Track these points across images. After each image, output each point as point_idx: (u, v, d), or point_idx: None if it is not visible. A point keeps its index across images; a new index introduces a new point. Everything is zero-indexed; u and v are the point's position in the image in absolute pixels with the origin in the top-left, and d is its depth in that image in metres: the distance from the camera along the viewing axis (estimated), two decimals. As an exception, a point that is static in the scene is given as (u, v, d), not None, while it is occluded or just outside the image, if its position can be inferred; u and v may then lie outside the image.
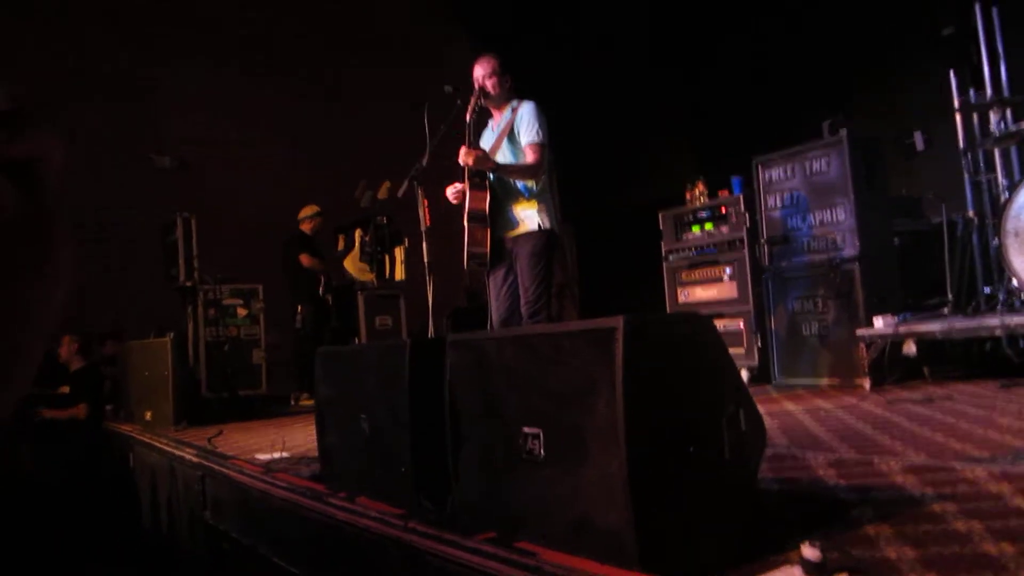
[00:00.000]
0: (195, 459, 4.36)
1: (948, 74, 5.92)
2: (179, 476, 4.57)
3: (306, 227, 8.24)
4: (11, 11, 8.14)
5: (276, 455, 4.09)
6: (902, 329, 4.88)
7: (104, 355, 7.99)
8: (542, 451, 2.04)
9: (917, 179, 6.68)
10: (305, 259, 7.98)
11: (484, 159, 4.24)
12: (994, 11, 5.67)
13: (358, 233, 8.23)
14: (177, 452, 4.70)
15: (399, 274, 8.41)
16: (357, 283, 8.28)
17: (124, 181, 8.57)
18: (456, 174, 4.46)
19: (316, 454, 3.45)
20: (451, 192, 4.46)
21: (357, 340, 7.99)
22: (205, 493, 4.08)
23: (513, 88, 4.58)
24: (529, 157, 4.34)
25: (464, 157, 4.22)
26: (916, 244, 5.97)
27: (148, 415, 6.40)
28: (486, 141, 4.55)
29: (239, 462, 3.99)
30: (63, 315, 0.36)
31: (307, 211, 8.26)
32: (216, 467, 4.03)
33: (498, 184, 4.40)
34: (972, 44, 5.78)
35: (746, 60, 8.36)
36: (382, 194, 8.15)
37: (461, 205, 4.42)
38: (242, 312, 7.47)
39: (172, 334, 6.48)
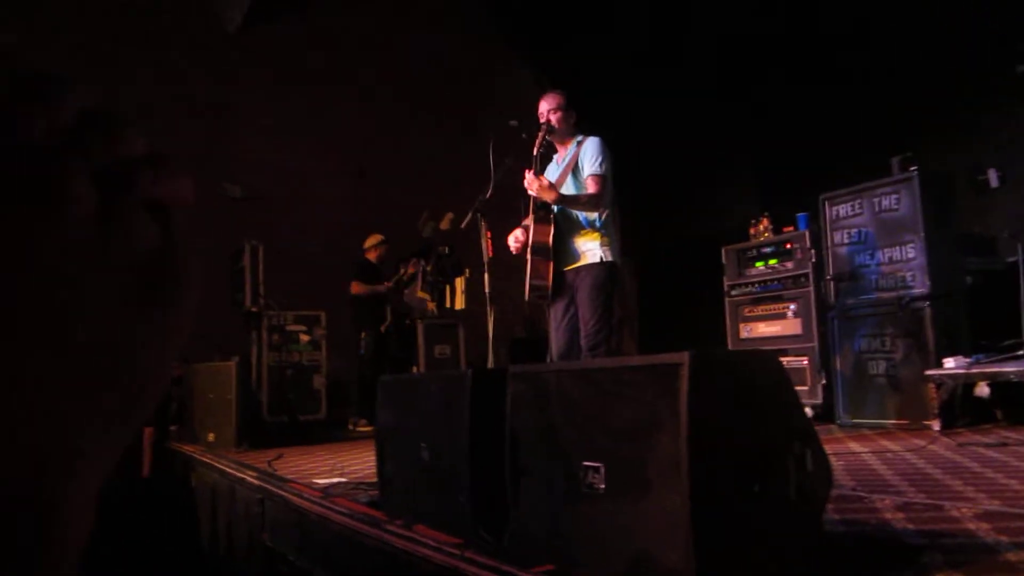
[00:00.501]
0: (256, 481, 4.41)
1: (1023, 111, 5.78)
2: (240, 497, 4.63)
3: (371, 255, 8.36)
4: (91, 33, 8.46)
5: (334, 480, 4.13)
6: (975, 370, 4.73)
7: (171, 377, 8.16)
8: (603, 485, 2.02)
9: (991, 216, 6.50)
10: (355, 286, 8.12)
11: (549, 188, 4.26)
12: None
13: (419, 263, 8.30)
14: (238, 474, 4.77)
15: (459, 303, 8.47)
16: (416, 312, 8.35)
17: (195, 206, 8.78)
18: (518, 207, 4.50)
19: (374, 480, 3.47)
20: (512, 242, 4.49)
21: (416, 369, 8.05)
22: (264, 515, 4.12)
23: (577, 124, 4.62)
24: (591, 188, 4.35)
25: (530, 184, 4.25)
26: (989, 283, 5.80)
27: (211, 436, 6.52)
28: (550, 175, 4.57)
29: (298, 486, 4.03)
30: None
31: (372, 240, 8.40)
32: (276, 490, 4.08)
33: (562, 217, 4.43)
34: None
35: (813, 95, 8.27)
36: (444, 225, 8.22)
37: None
38: (305, 338, 7.59)
39: (237, 358, 6.61)
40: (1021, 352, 5.05)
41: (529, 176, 4.28)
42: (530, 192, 4.32)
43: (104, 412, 0.34)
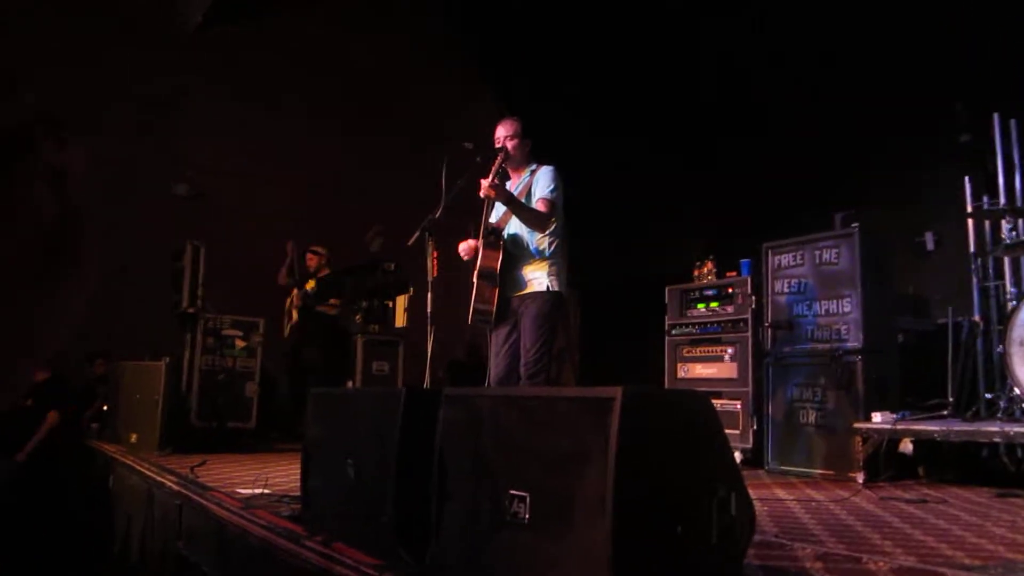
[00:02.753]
0: (175, 487, 4.30)
1: (963, 179, 5.97)
2: (157, 502, 4.50)
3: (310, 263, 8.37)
4: (47, 22, 8.27)
5: (257, 491, 4.04)
6: (900, 426, 4.83)
7: (95, 375, 7.94)
8: (527, 515, 2.00)
9: (925, 279, 6.69)
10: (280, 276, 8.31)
11: (501, 189, 4.23)
12: (1012, 123, 5.74)
13: (302, 289, 8.21)
14: (158, 478, 4.64)
15: (400, 321, 8.41)
16: (354, 328, 8.26)
17: (136, 203, 8.56)
18: (467, 229, 4.49)
19: (298, 494, 3.40)
20: (463, 248, 4.48)
21: (352, 383, 7.95)
22: (182, 522, 4.01)
23: (532, 152, 4.65)
24: (539, 208, 4.37)
25: (485, 189, 4.21)
26: (920, 343, 5.96)
27: (134, 437, 6.34)
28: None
29: (219, 494, 3.93)
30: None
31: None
32: (195, 497, 3.98)
33: (511, 244, 4.43)
34: (988, 152, 5.83)
35: (764, 147, 8.44)
36: (288, 250, 8.32)
37: (472, 260, 4.44)
38: (240, 344, 7.42)
39: (168, 359, 6.45)
40: (945, 412, 5.18)
41: (483, 183, 4.24)
42: (482, 194, 4.27)
43: None
